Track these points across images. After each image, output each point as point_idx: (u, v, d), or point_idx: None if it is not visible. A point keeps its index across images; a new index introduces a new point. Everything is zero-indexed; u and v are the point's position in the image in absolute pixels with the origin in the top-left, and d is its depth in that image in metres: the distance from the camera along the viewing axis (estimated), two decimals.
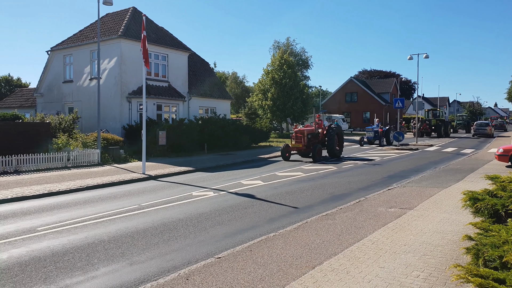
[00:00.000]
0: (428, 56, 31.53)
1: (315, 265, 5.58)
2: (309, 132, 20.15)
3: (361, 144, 28.80)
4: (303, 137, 19.64)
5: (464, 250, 4.53)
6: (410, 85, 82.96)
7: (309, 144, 19.74)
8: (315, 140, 20.32)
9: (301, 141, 19.62)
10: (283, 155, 19.80)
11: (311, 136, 20.17)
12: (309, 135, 19.96)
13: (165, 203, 10.09)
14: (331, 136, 20.23)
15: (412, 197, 10.20)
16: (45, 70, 27.97)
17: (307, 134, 19.85)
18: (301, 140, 19.63)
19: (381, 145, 28.78)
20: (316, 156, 19.07)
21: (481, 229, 4.99)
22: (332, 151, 20.36)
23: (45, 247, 6.68)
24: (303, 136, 19.65)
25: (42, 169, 15.76)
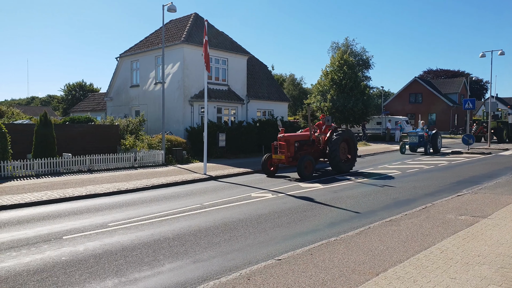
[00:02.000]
0: (503, 53, 29.18)
1: (379, 272, 5.39)
2: (298, 139, 15.69)
3: (402, 151, 24.37)
4: (288, 146, 15.06)
5: None
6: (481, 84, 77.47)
7: (298, 155, 15.29)
8: (309, 149, 15.88)
9: (285, 151, 14.94)
10: (264, 169, 15.43)
11: (302, 144, 15.74)
12: (297, 143, 15.45)
13: (226, 203, 10.31)
14: (334, 144, 15.61)
15: (485, 205, 9.49)
16: (114, 75, 29.83)
17: (295, 142, 15.33)
18: (285, 149, 14.94)
19: (426, 152, 24.15)
20: (303, 172, 14.30)
21: None
22: (336, 165, 15.75)
23: (116, 241, 7.12)
24: (288, 144, 15.05)
25: (111, 168, 16.82)
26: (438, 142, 25.07)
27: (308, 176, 14.49)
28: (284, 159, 14.93)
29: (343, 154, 16.31)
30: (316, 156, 16.16)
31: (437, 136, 25.13)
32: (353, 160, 16.71)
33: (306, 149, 15.78)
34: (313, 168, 14.89)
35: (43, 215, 9.26)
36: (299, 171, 14.27)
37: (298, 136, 16.02)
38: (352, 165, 16.64)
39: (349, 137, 16.71)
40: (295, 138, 15.53)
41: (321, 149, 16.32)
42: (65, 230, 7.88)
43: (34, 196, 10.95)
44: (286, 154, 14.93)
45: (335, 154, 15.56)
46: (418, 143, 24.63)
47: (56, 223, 8.47)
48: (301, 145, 15.65)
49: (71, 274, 5.64)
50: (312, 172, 14.83)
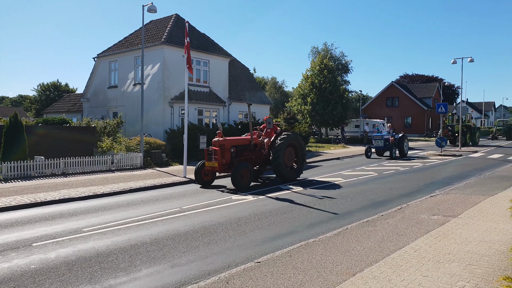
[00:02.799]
0: (473, 60, 30.23)
1: (355, 272, 5.51)
2: (235, 143, 13.81)
3: (367, 155, 23.53)
4: (223, 152, 13.26)
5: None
6: (453, 89, 79.76)
7: (235, 162, 13.40)
8: (250, 155, 14.15)
9: (218, 157, 13.16)
10: (198, 178, 13.59)
11: (241, 149, 13.93)
12: (234, 148, 13.55)
13: (205, 207, 10.30)
14: (278, 149, 13.98)
15: (456, 205, 9.81)
16: (92, 76, 29.34)
17: (231, 147, 13.46)
18: (219, 155, 13.16)
19: (392, 157, 22.98)
20: (239, 181, 12.49)
21: None
22: (280, 172, 14.15)
23: (90, 247, 6.99)
24: (222, 149, 13.25)
25: (87, 171, 16.53)
26: (405, 146, 24.15)
27: (244, 186, 12.68)
28: (217, 167, 13.13)
29: (289, 160, 14.68)
30: (259, 163, 14.66)
31: (403, 139, 24.10)
32: (301, 167, 15.14)
33: (246, 155, 14.02)
34: (250, 177, 12.96)
35: (11, 221, 8.92)
36: (234, 181, 12.51)
37: (236, 140, 14.19)
38: (300, 172, 15.09)
39: (296, 141, 15.01)
40: (232, 143, 13.67)
41: (266, 155, 14.54)
42: (35, 237, 7.63)
43: (1, 202, 10.52)
44: (220, 161, 13.14)
45: (279, 160, 13.94)
46: (383, 147, 23.73)
47: (25, 230, 8.19)
48: (240, 151, 13.87)
49: (40, 283, 5.47)
50: (249, 182, 12.97)
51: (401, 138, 24.01)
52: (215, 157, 13.18)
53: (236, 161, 13.43)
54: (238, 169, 12.60)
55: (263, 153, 14.61)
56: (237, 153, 13.72)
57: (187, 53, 15.26)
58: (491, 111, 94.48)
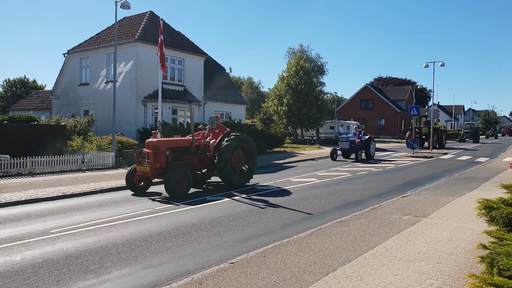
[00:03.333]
0: (444, 64, 31.22)
1: (328, 271, 5.55)
2: (172, 145, 12.35)
3: (332, 157, 22.72)
4: (157, 154, 11.76)
5: (479, 258, 4.47)
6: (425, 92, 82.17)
7: (171, 166, 11.87)
8: (191, 158, 12.81)
9: (151, 160, 11.67)
10: (129, 184, 12.07)
11: (179, 152, 12.53)
12: (170, 150, 12.06)
13: (179, 207, 10.15)
14: (224, 152, 12.62)
15: (426, 205, 10.07)
16: (61, 72, 28.51)
17: (166, 149, 11.94)
18: (151, 159, 11.67)
19: (357, 159, 22.45)
20: (173, 189, 11.13)
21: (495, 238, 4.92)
22: (225, 177, 12.77)
23: (59, 249, 6.76)
24: (156, 152, 11.77)
25: (56, 171, 16.02)
26: (371, 148, 23.51)
27: (180, 194, 11.29)
28: (149, 171, 11.60)
29: (238, 164, 13.33)
30: (203, 167, 13.40)
31: (370, 141, 23.52)
32: (251, 171, 13.76)
33: (187, 159, 12.68)
34: (188, 183, 11.60)
35: None
36: (167, 188, 11.11)
37: (173, 141, 12.71)
38: (249, 177, 13.70)
39: (245, 143, 13.52)
40: (168, 144, 12.15)
41: (212, 158, 13.11)
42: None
43: None
44: (153, 165, 11.62)
45: (224, 164, 12.56)
46: (349, 149, 22.80)
47: None
48: (179, 154, 12.46)
49: (5, 286, 5.26)
50: (187, 189, 11.62)
51: (367, 140, 23.36)
52: (149, 161, 11.65)
53: (173, 165, 11.92)
54: (172, 175, 11.15)
55: (208, 156, 13.17)
56: (175, 156, 12.29)
57: (161, 51, 15.04)
58: (461, 114, 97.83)
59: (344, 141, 22.92)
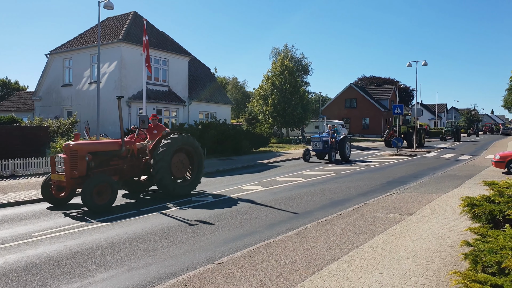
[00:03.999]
0: (426, 63, 31.68)
1: (314, 271, 5.56)
2: (94, 149, 10.41)
3: (305, 158, 21.63)
4: (74, 160, 9.91)
5: (463, 255, 4.53)
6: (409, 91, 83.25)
7: (92, 173, 10.05)
8: (120, 164, 10.90)
9: (67, 167, 9.85)
10: (45, 195, 10.23)
11: (105, 156, 10.63)
12: (92, 155, 10.16)
13: (164, 209, 10.06)
14: (161, 156, 10.88)
15: (411, 203, 10.20)
16: (44, 73, 28.00)
17: (87, 154, 10.01)
18: (67, 165, 9.85)
19: (331, 160, 21.06)
20: (91, 201, 9.30)
21: (479, 235, 4.99)
22: (162, 186, 11.07)
23: (41, 253, 6.63)
24: (72, 157, 9.91)
25: (39, 173, 15.71)
26: (347, 148, 22.34)
27: (103, 208, 9.51)
28: (65, 180, 9.82)
29: (179, 170, 11.52)
30: (139, 173, 11.64)
31: (345, 141, 22.30)
32: (196, 179, 12.05)
33: (115, 164, 10.80)
34: (112, 194, 9.78)
35: None
36: (84, 201, 9.28)
37: (97, 145, 10.74)
38: (193, 186, 11.96)
39: (189, 145, 11.90)
40: (89, 148, 10.24)
41: (148, 163, 11.36)
42: None
43: None
44: (70, 172, 9.80)
45: (161, 170, 10.82)
46: (322, 149, 21.62)
47: None
48: (104, 159, 10.57)
49: None
50: (110, 201, 9.75)
51: (342, 140, 22.21)
52: (67, 167, 9.87)
53: (96, 173, 10.10)
54: (91, 185, 9.36)
55: (144, 161, 11.45)
56: (100, 162, 10.43)
57: (146, 51, 14.89)
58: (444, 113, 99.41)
59: (317, 141, 21.82)
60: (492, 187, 7.02)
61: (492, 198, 6.24)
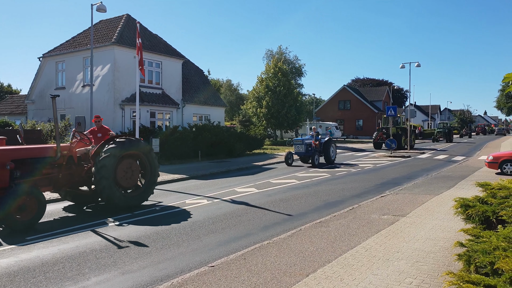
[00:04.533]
0: (419, 65, 31.90)
1: (309, 272, 5.56)
2: (19, 154, 8.85)
3: (287, 162, 20.55)
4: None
5: (456, 256, 4.56)
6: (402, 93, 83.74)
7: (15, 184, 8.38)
8: (54, 173, 9.46)
9: None
10: None
11: (32, 164, 8.97)
12: (16, 162, 8.59)
13: (158, 211, 10.02)
14: (102, 164, 9.47)
15: (405, 204, 10.24)
16: (37, 76, 27.83)
17: (8, 162, 8.39)
18: None
19: (314, 164, 19.98)
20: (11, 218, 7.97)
21: (472, 236, 5.03)
22: (106, 197, 9.67)
23: (35, 257, 6.58)
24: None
25: None
26: (331, 151, 21.31)
27: (26, 225, 8.18)
28: None
29: (128, 179, 10.05)
30: (78, 183, 10.21)
31: (329, 144, 21.23)
32: (149, 188, 10.62)
33: (49, 173, 9.35)
34: (39, 209, 8.45)
35: None
36: (2, 217, 7.87)
37: (23, 150, 9.11)
38: (146, 196, 10.56)
39: (139, 150, 10.48)
40: (12, 155, 8.68)
41: (85, 172, 10.01)
42: None
43: None
44: None
45: (103, 180, 9.44)
46: (305, 152, 20.59)
47: None
48: (34, 166, 8.96)
49: None
50: (36, 217, 8.40)
51: (326, 143, 21.16)
52: None
53: (19, 184, 8.45)
54: (10, 198, 7.95)
55: (86, 168, 10.02)
56: (29, 171, 8.84)
57: (140, 54, 14.84)
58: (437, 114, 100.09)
59: (299, 144, 20.68)
60: (485, 188, 7.08)
61: (485, 199, 6.29)
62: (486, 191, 6.83)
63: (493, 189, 6.71)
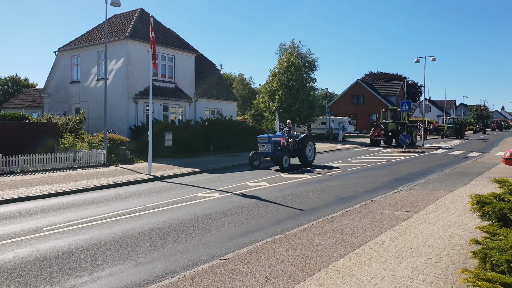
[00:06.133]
0: (435, 59, 31.35)
1: (321, 267, 5.55)
2: None
3: (253, 164, 16.82)
4: None
5: (471, 254, 4.49)
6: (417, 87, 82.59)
7: None
8: None
9: None
10: None
11: None
12: None
13: (171, 204, 10.11)
14: None
15: (419, 200, 10.12)
16: (53, 70, 28.20)
17: None
18: None
19: (282, 167, 16.08)
20: None
21: (488, 233, 4.94)
22: None
23: (51, 247, 6.71)
24: None
25: (48, 169, 15.86)
26: (308, 151, 17.66)
27: None
28: None
29: None
30: None
31: (305, 142, 17.49)
32: None
33: None
34: None
35: None
36: None
37: None
38: None
39: None
40: None
41: None
42: None
43: None
44: None
45: None
46: (272, 153, 16.91)
47: None
48: None
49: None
50: None
51: (302, 141, 17.50)
52: None
53: None
54: None
55: None
56: None
57: (153, 48, 14.90)
58: (452, 109, 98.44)
59: (264, 142, 16.91)
60: (502, 184, 6.92)
61: (502, 196, 6.15)
62: (503, 188, 6.67)
63: (510, 186, 6.56)
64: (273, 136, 17.24)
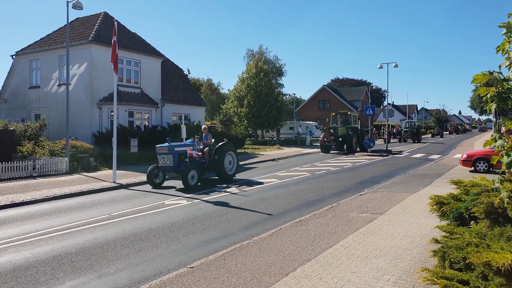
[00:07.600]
0: (397, 65, 32.40)
1: (288, 272, 5.57)
2: None
3: (152, 183, 13.59)
4: None
5: (432, 253, 4.64)
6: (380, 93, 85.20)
7: None
8: None
9: None
10: None
11: None
12: None
13: (136, 213, 9.87)
14: None
15: (383, 202, 10.38)
16: (10, 75, 27.01)
17: None
18: None
19: (187, 185, 12.90)
20: None
21: (446, 232, 5.13)
22: None
23: (6, 261, 6.37)
24: None
25: (4, 178, 15.12)
26: (228, 162, 14.80)
27: None
28: None
29: None
30: None
31: (224, 152, 14.52)
32: None
33: None
34: None
35: None
36: None
37: None
38: None
39: None
40: None
41: None
42: None
43: None
44: None
45: None
46: (174, 166, 13.60)
47: None
48: None
49: None
50: None
51: (219, 150, 14.42)
52: None
53: None
54: None
55: None
56: None
57: (113, 52, 14.59)
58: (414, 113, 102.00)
59: (164, 153, 13.58)
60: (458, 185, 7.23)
61: (459, 196, 6.43)
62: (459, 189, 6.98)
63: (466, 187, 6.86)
64: (177, 146, 13.79)
